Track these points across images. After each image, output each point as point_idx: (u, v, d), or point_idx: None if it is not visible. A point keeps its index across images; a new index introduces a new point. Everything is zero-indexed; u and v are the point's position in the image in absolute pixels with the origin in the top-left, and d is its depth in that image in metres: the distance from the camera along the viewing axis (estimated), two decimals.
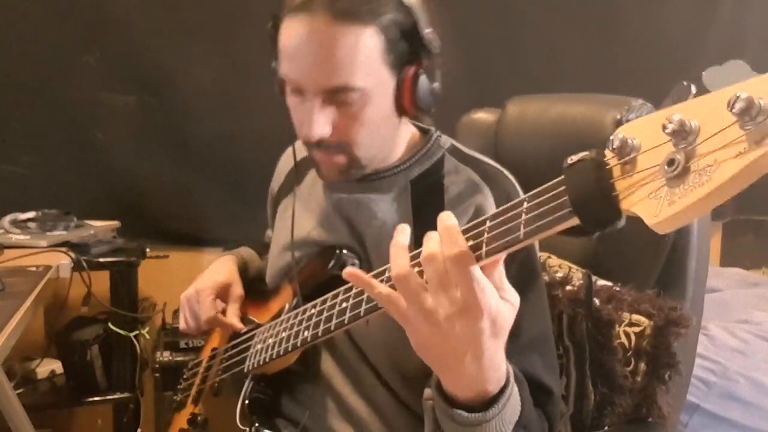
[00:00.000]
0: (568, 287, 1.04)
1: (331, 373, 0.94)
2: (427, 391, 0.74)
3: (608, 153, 0.48)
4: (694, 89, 0.46)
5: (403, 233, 0.63)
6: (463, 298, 0.57)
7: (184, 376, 1.17)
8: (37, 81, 1.95)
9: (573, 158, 0.50)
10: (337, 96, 0.81)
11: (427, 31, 0.83)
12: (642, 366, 1.01)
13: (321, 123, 0.82)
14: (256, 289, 1.09)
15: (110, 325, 1.80)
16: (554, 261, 1.10)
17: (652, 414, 1.01)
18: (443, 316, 0.58)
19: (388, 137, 0.92)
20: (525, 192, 0.90)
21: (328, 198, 0.98)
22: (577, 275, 1.05)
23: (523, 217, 0.54)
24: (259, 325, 0.98)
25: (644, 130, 0.46)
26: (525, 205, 0.54)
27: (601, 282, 1.06)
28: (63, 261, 1.62)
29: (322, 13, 0.77)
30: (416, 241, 0.88)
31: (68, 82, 1.97)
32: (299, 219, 1.00)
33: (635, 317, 1.01)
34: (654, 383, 1.00)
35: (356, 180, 0.94)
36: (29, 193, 1.96)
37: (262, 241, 1.25)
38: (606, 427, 1.02)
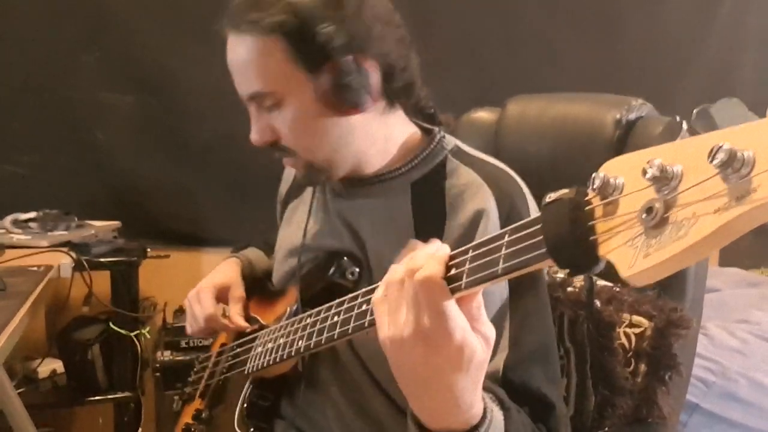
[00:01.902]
0: (569, 289, 1.03)
1: (330, 381, 0.94)
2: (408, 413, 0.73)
3: (590, 192, 0.45)
4: (685, 126, 0.45)
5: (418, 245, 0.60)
6: (429, 323, 0.54)
7: (195, 369, 1.18)
8: (37, 81, 1.95)
9: (552, 196, 0.47)
10: (257, 103, 0.87)
11: (322, 28, 0.81)
12: (642, 367, 1.01)
13: (256, 129, 0.89)
14: (263, 289, 1.10)
15: (111, 324, 1.81)
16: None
17: (652, 415, 1.01)
18: (407, 334, 0.55)
19: (337, 139, 0.89)
20: (532, 192, 0.91)
21: (332, 203, 0.98)
22: (578, 277, 1.05)
23: (503, 251, 0.51)
24: (263, 326, 0.99)
25: (629, 169, 0.43)
26: (506, 238, 0.51)
27: (602, 283, 1.06)
28: (64, 261, 1.62)
29: (230, 29, 0.85)
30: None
31: (69, 82, 1.97)
32: (304, 224, 1.00)
33: (636, 318, 1.01)
34: (654, 384, 1.00)
35: (358, 184, 0.93)
36: (30, 194, 1.96)
37: (271, 239, 1.25)
38: (606, 428, 1.03)
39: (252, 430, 0.94)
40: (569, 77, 2.15)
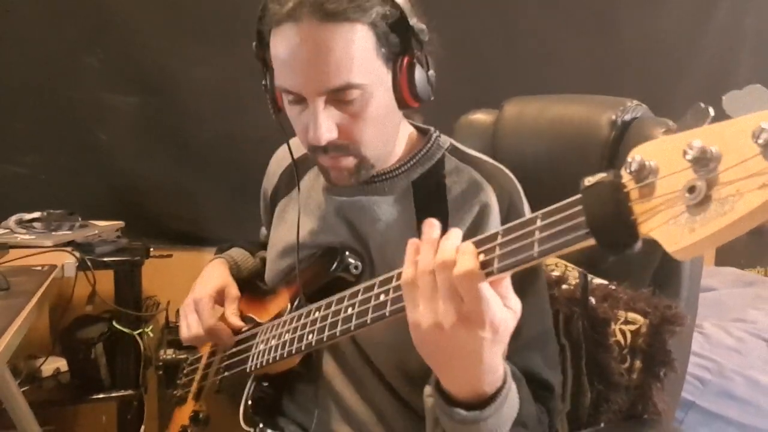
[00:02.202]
0: (564, 286, 1.05)
1: (333, 375, 0.95)
2: (428, 389, 0.75)
3: (625, 175, 0.48)
4: (712, 112, 0.45)
5: (434, 227, 0.63)
6: (469, 309, 0.59)
7: (184, 372, 1.18)
8: (40, 82, 1.96)
9: (590, 179, 0.50)
10: (338, 96, 0.81)
11: (415, 20, 0.83)
12: (637, 363, 1.02)
13: (327, 126, 0.82)
14: (252, 288, 1.09)
15: (114, 323, 1.82)
16: (550, 260, 1.11)
17: (647, 411, 1.02)
18: (449, 323, 0.60)
19: (392, 133, 0.92)
20: (529, 192, 0.93)
21: (329, 200, 0.98)
22: (573, 274, 1.06)
23: (537, 235, 0.54)
24: (259, 324, 0.99)
25: (662, 152, 0.46)
26: (538, 222, 0.54)
27: (597, 280, 1.07)
28: (68, 260, 1.63)
29: (309, 18, 0.77)
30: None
31: (71, 83, 1.98)
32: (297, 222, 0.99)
33: (631, 315, 1.02)
34: (649, 380, 1.01)
35: (358, 183, 0.93)
36: (34, 194, 1.97)
37: (256, 239, 1.24)
38: (602, 424, 1.04)
39: (261, 426, 0.93)
40: (566, 79, 2.16)
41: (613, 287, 1.06)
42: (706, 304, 1.79)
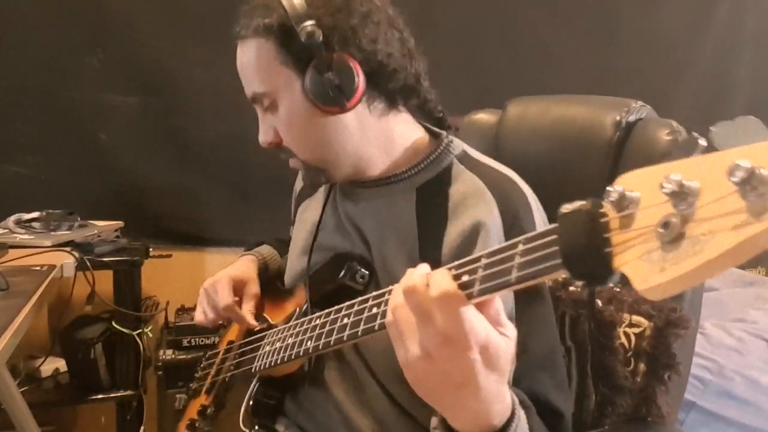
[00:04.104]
0: (571, 288, 1.04)
1: (335, 381, 0.95)
2: (434, 420, 0.72)
3: (606, 204, 0.45)
4: (704, 143, 0.43)
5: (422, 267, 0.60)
6: (450, 330, 0.55)
7: (201, 365, 1.19)
8: (40, 82, 1.96)
9: (568, 207, 0.47)
10: (258, 104, 0.91)
11: (305, 26, 0.81)
12: (642, 366, 1.02)
13: (262, 130, 0.93)
14: (274, 288, 1.10)
15: (114, 323, 1.81)
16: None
17: (651, 414, 1.02)
18: (433, 348, 0.56)
19: (333, 138, 0.89)
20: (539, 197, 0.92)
21: (340, 205, 0.98)
22: None
23: (517, 260, 0.51)
24: (271, 326, 1.00)
25: (645, 183, 0.43)
26: (520, 247, 0.51)
27: None
28: (67, 260, 1.63)
29: (236, 37, 0.90)
30: (420, 251, 0.88)
31: (72, 84, 1.98)
32: (317, 223, 1.00)
33: (635, 318, 1.02)
34: (653, 384, 1.01)
35: (363, 186, 0.94)
36: (33, 194, 1.97)
37: (285, 238, 1.24)
38: (606, 427, 1.04)
39: (257, 428, 0.94)
40: (569, 79, 2.16)
41: (618, 289, 1.05)
42: (707, 304, 1.78)
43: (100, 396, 1.85)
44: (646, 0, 2.30)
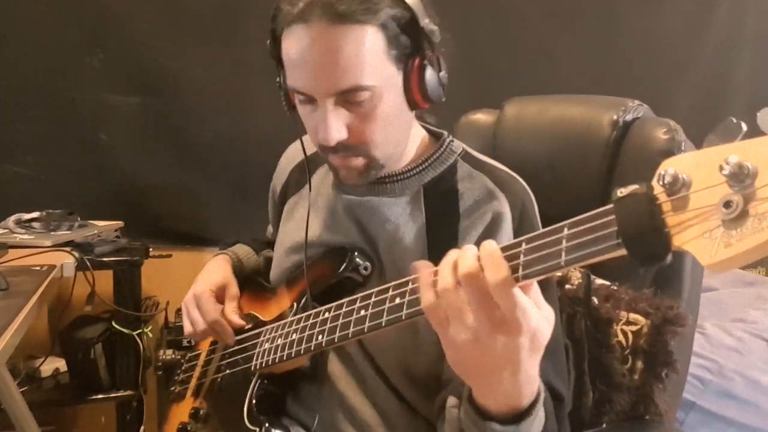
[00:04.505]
0: (567, 286, 1.05)
1: (338, 375, 0.94)
2: (452, 399, 0.74)
3: (657, 187, 0.48)
4: (744, 127, 0.46)
5: (454, 253, 0.63)
6: (504, 316, 0.58)
7: (182, 368, 1.17)
8: (41, 82, 1.96)
9: (623, 190, 0.49)
10: (348, 98, 0.81)
11: (426, 22, 0.83)
12: (639, 364, 1.02)
13: (336, 127, 0.82)
14: (254, 285, 1.09)
15: (114, 323, 1.81)
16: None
17: (649, 411, 1.02)
18: (485, 333, 0.59)
19: (403, 134, 0.92)
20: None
21: (338, 199, 0.97)
22: (576, 274, 1.06)
23: (564, 244, 0.54)
24: (263, 323, 0.99)
25: (696, 166, 0.46)
26: (565, 231, 0.54)
27: (599, 281, 1.07)
28: (67, 260, 1.63)
29: (320, 19, 0.78)
30: (429, 246, 0.89)
31: (72, 84, 1.98)
32: (306, 220, 0.99)
33: (633, 316, 1.02)
34: (651, 381, 1.01)
35: (372, 182, 0.93)
36: (33, 194, 1.97)
37: (261, 237, 1.24)
38: (604, 425, 1.04)
39: (267, 425, 0.92)
40: (567, 79, 2.16)
41: (615, 287, 1.06)
42: (707, 304, 1.79)
43: (100, 396, 1.85)
44: (646, 0, 2.30)
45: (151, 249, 1.89)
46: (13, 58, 1.94)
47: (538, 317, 0.59)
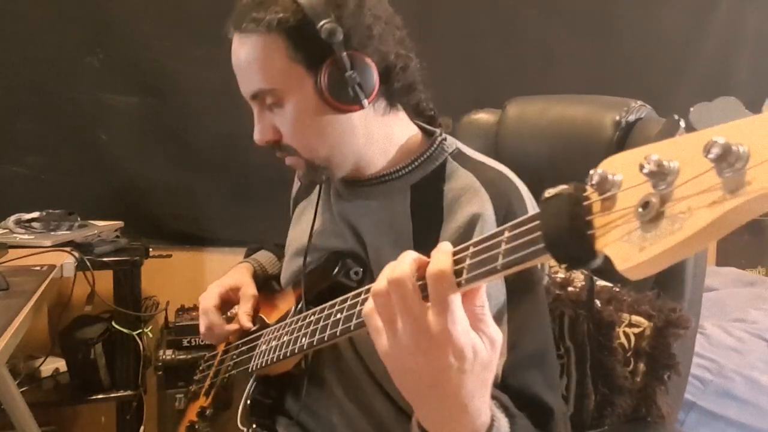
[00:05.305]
0: (570, 288, 1.04)
1: (333, 380, 0.95)
2: (413, 420, 0.72)
3: (589, 188, 0.45)
4: (683, 124, 0.43)
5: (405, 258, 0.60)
6: (432, 326, 0.54)
7: (200, 368, 1.19)
8: (40, 82, 1.96)
9: (551, 191, 0.47)
10: (260, 101, 0.89)
11: (325, 22, 0.82)
12: (641, 367, 1.02)
13: (259, 128, 0.91)
14: (268, 288, 1.11)
15: (114, 323, 1.81)
16: (555, 262, 1.11)
17: (651, 414, 1.02)
18: (408, 342, 0.55)
19: (335, 137, 0.89)
20: (532, 193, 0.92)
21: (335, 204, 0.98)
22: (579, 276, 1.06)
23: (503, 247, 0.51)
24: (267, 326, 1.00)
25: (627, 165, 0.43)
26: (505, 234, 0.51)
27: (601, 283, 1.07)
28: (67, 260, 1.63)
29: (235, 31, 0.88)
30: (416, 248, 0.88)
31: (72, 84, 1.98)
32: (311, 224, 1.01)
33: (635, 318, 1.02)
34: (653, 384, 1.01)
35: (358, 185, 0.94)
36: (33, 194, 1.97)
37: (283, 241, 1.25)
38: (606, 427, 1.03)
39: (255, 426, 0.94)
40: (569, 79, 2.16)
41: (617, 290, 1.06)
42: (707, 304, 1.79)
43: (100, 396, 1.85)
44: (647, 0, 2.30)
45: (151, 249, 1.89)
46: (13, 57, 1.93)
47: (468, 333, 0.54)
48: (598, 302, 1.03)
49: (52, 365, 1.89)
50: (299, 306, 0.95)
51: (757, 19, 2.39)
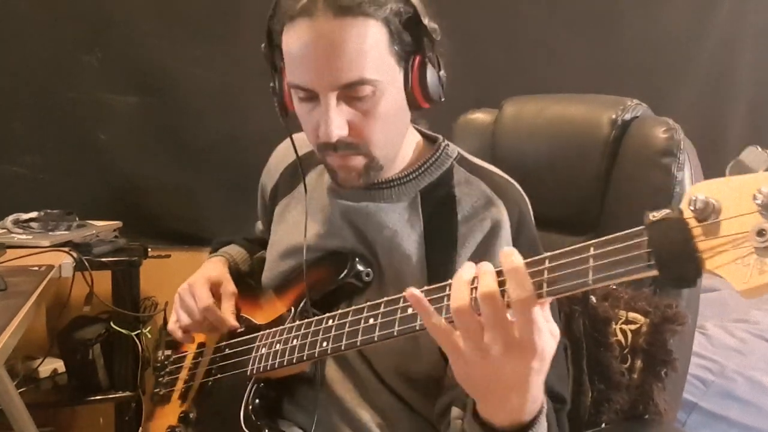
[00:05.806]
0: None
1: (335, 378, 0.93)
2: (456, 411, 0.74)
3: (687, 211, 0.50)
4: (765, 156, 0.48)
5: (469, 269, 0.63)
6: (520, 337, 0.58)
7: (167, 369, 1.14)
8: (39, 82, 1.96)
9: (655, 214, 0.52)
10: (351, 93, 0.81)
11: (428, 20, 0.83)
12: (638, 363, 1.02)
13: (338, 123, 0.81)
14: (245, 287, 1.07)
15: (112, 324, 1.81)
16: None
17: (648, 411, 1.02)
18: (497, 353, 0.59)
19: (401, 135, 0.91)
20: (529, 192, 0.94)
21: (334, 203, 0.96)
22: None
23: (591, 263, 0.55)
24: (258, 327, 0.97)
25: (726, 193, 0.48)
26: (592, 251, 0.55)
27: None
28: (65, 261, 1.63)
29: (323, 13, 0.77)
30: (428, 252, 0.89)
31: (70, 83, 1.98)
32: (302, 223, 0.97)
33: (631, 315, 1.02)
34: (650, 380, 1.01)
35: (364, 187, 0.92)
36: (32, 194, 1.97)
37: (253, 235, 1.22)
38: (603, 424, 1.03)
39: (267, 431, 0.91)
40: (566, 78, 2.15)
41: (614, 286, 1.05)
42: (709, 305, 1.78)
43: (98, 397, 1.85)
44: None
45: (149, 249, 1.89)
46: (12, 57, 1.94)
47: (549, 338, 0.60)
48: (593, 298, 1.03)
49: (51, 366, 1.89)
50: (300, 308, 0.93)
51: (758, 17, 2.38)
